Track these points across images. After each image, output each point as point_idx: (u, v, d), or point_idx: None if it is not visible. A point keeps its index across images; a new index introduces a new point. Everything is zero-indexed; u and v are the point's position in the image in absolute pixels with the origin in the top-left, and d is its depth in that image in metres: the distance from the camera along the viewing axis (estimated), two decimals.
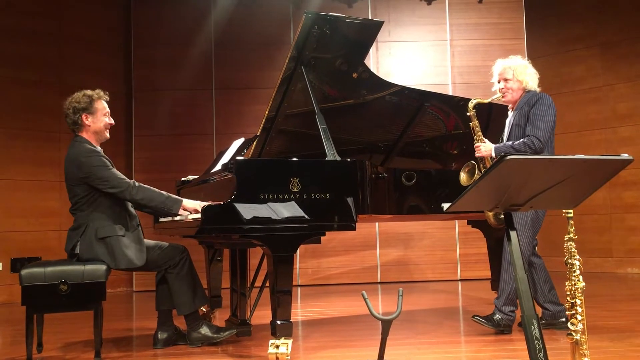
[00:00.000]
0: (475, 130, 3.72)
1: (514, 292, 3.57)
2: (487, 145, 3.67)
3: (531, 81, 3.73)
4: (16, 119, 6.26)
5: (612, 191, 7.12)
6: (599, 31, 7.40)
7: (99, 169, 3.28)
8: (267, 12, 7.15)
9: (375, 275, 7.01)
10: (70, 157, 3.36)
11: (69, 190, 3.39)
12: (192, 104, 7.07)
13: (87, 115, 3.41)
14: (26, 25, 6.40)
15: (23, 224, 6.23)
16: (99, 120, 3.44)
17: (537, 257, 3.84)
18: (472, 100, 3.75)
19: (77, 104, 3.40)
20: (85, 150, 3.33)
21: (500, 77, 3.79)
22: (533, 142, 3.52)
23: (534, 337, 1.98)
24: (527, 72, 3.73)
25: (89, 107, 3.41)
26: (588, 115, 7.43)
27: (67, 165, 3.38)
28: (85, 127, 3.43)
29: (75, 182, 3.33)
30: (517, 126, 3.68)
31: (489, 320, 3.62)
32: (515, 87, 3.73)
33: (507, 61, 3.79)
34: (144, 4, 7.12)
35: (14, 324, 4.83)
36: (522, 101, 3.71)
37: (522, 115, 3.66)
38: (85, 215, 3.32)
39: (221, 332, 3.50)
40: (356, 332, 4.03)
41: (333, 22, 3.48)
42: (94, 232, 3.28)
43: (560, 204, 2.18)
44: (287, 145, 4.16)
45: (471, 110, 3.72)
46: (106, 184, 3.27)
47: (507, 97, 3.77)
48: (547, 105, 3.60)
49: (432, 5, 7.29)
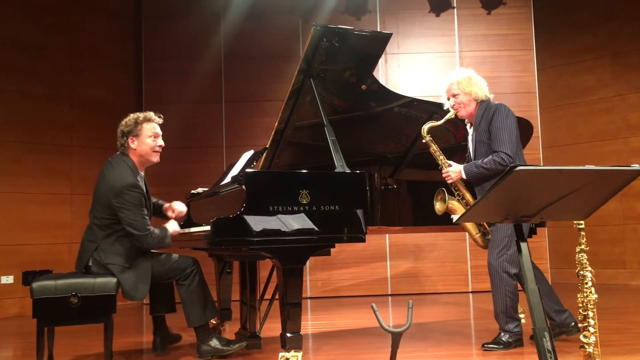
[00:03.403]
0: (436, 156, 3.66)
1: (511, 308, 3.53)
2: (455, 169, 3.60)
3: (479, 91, 3.64)
4: (28, 133, 6.32)
5: (624, 202, 7.06)
6: (609, 41, 7.37)
7: (133, 208, 3.25)
8: (276, 25, 7.20)
9: (385, 288, 6.98)
10: (111, 179, 3.32)
11: (96, 202, 3.38)
12: (201, 117, 7.11)
13: (133, 138, 3.43)
14: (37, 39, 6.48)
15: (34, 237, 6.27)
16: (144, 143, 3.45)
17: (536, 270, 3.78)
18: (425, 125, 3.66)
19: (125, 127, 3.45)
20: (129, 184, 3.28)
21: (449, 94, 3.72)
22: (503, 159, 3.45)
23: (546, 350, 1.96)
24: (472, 82, 3.65)
25: (134, 129, 3.44)
26: (599, 126, 7.38)
27: (104, 184, 3.34)
28: (131, 150, 3.45)
29: (104, 201, 3.31)
30: (481, 143, 3.60)
31: (499, 343, 3.55)
32: (466, 100, 3.65)
33: (450, 76, 3.72)
34: (155, 18, 7.19)
35: (25, 336, 4.85)
36: (479, 115, 3.62)
37: (482, 131, 3.59)
38: (99, 237, 3.34)
39: (231, 345, 3.50)
40: (366, 344, 4.00)
41: (342, 35, 3.49)
42: (102, 254, 3.31)
43: (572, 215, 2.17)
44: (297, 158, 4.16)
45: (425, 136, 3.64)
46: (131, 224, 3.24)
47: (461, 113, 3.68)
48: (504, 115, 3.53)
49: (441, 17, 7.30)
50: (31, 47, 6.43)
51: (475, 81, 3.67)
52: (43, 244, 6.30)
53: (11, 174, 6.18)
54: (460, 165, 3.61)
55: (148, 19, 7.20)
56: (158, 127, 3.54)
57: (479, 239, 3.68)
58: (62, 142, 6.56)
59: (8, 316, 5.99)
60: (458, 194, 3.66)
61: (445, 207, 3.51)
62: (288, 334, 3.05)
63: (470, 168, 3.56)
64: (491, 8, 7.32)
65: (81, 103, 6.73)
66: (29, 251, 6.21)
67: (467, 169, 3.57)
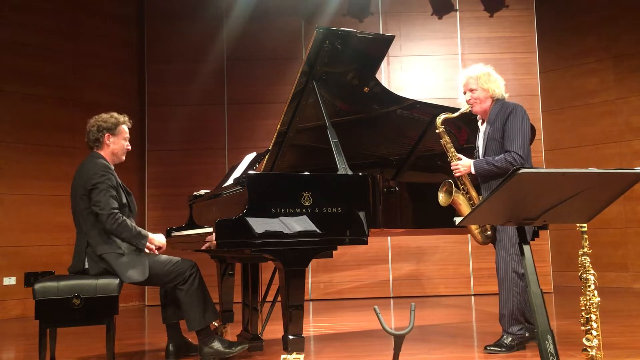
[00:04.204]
0: (447, 148, 3.66)
1: (517, 310, 3.51)
2: (465, 163, 3.60)
3: (497, 89, 3.66)
4: (31, 135, 6.34)
5: (627, 205, 7.04)
6: (612, 44, 7.37)
7: (104, 189, 3.30)
8: (279, 27, 7.20)
9: (387, 290, 6.97)
10: (84, 169, 3.40)
11: (74, 200, 3.41)
12: (204, 119, 7.12)
13: (109, 135, 3.51)
14: (41, 42, 6.50)
15: (37, 239, 6.28)
16: (119, 142, 3.54)
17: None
18: (440, 116, 3.67)
19: (104, 122, 3.52)
20: (102, 166, 3.37)
21: (466, 88, 3.71)
22: (515, 159, 3.46)
23: (549, 353, 1.96)
24: (490, 79, 3.66)
25: (113, 128, 3.52)
26: (601, 129, 7.38)
27: (79, 178, 3.41)
28: (105, 145, 3.51)
29: (82, 192, 3.35)
30: (494, 140, 3.60)
31: (502, 346, 3.53)
32: (482, 97, 3.65)
33: (469, 71, 3.72)
34: (157, 21, 7.21)
35: (27, 338, 4.85)
36: (494, 113, 3.63)
37: (496, 129, 3.59)
38: (85, 232, 3.34)
39: (233, 347, 3.49)
40: (368, 347, 4.00)
41: (344, 37, 3.50)
42: (94, 248, 3.31)
43: (574, 218, 2.17)
44: (299, 160, 4.17)
45: (440, 127, 3.65)
46: (96, 203, 3.28)
47: (475, 108, 3.68)
48: (520, 117, 3.54)
49: (443, 20, 7.31)
50: (35, 50, 6.45)
51: (494, 79, 3.68)
52: (45, 245, 6.31)
53: (14, 176, 6.20)
54: (471, 160, 3.62)
55: (151, 22, 7.21)
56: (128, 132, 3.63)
57: (478, 235, 3.66)
58: (65, 144, 6.58)
59: (10, 317, 6.00)
60: (463, 188, 3.65)
61: (450, 200, 3.49)
62: (290, 336, 3.05)
63: (480, 164, 3.56)
64: (494, 11, 7.32)
65: (84, 105, 6.74)
66: (31, 252, 6.22)
67: (477, 164, 3.57)
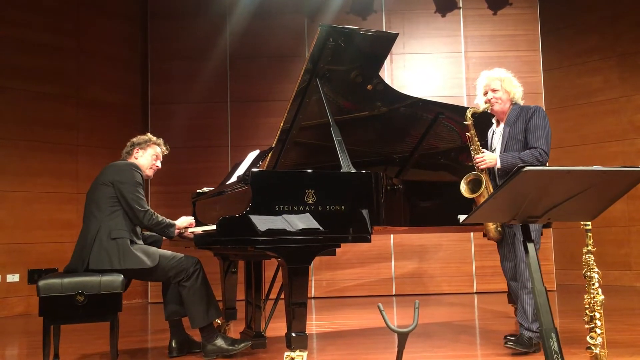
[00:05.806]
0: (473, 140, 3.67)
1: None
2: (491, 155, 3.62)
3: (517, 93, 3.74)
4: (34, 132, 6.35)
5: (630, 203, 7.03)
6: (616, 42, 7.35)
7: (135, 184, 3.45)
8: (282, 25, 7.20)
9: (390, 288, 6.97)
10: (114, 165, 3.53)
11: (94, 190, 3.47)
12: (207, 117, 7.12)
13: (138, 149, 3.70)
14: (45, 40, 6.51)
15: (40, 236, 6.30)
16: (146, 157, 3.72)
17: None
18: (469, 109, 3.70)
19: (137, 139, 3.75)
20: (133, 164, 3.54)
21: (487, 88, 3.76)
22: (541, 154, 3.51)
23: (553, 351, 1.96)
24: (513, 84, 3.74)
25: (143, 144, 3.73)
26: (605, 127, 7.36)
27: (106, 172, 3.49)
28: (133, 158, 3.69)
29: (108, 182, 3.43)
30: (514, 139, 3.64)
31: (521, 342, 3.45)
32: (504, 98, 3.71)
33: (494, 72, 3.79)
34: (161, 19, 7.21)
35: (31, 335, 4.87)
36: (513, 114, 3.69)
37: (517, 128, 3.64)
38: (102, 218, 3.38)
39: (236, 345, 3.50)
40: (372, 345, 4.00)
41: (348, 35, 3.49)
42: (107, 232, 3.34)
43: (579, 216, 2.16)
44: (302, 157, 4.16)
45: (469, 119, 3.67)
46: (132, 199, 3.40)
47: (495, 107, 3.72)
48: (543, 117, 3.62)
49: (447, 18, 7.29)
50: (39, 47, 6.46)
51: (517, 84, 3.77)
52: (49, 242, 6.33)
53: (17, 173, 6.21)
54: (495, 154, 3.63)
55: (154, 20, 7.22)
56: (161, 155, 3.83)
57: (493, 230, 3.65)
58: (69, 142, 6.59)
59: (14, 314, 6.02)
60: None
61: (478, 193, 3.48)
62: (293, 334, 3.05)
63: (506, 158, 3.58)
64: (497, 8, 7.31)
65: (88, 103, 6.76)
66: (35, 250, 6.23)
67: (503, 158, 3.58)
